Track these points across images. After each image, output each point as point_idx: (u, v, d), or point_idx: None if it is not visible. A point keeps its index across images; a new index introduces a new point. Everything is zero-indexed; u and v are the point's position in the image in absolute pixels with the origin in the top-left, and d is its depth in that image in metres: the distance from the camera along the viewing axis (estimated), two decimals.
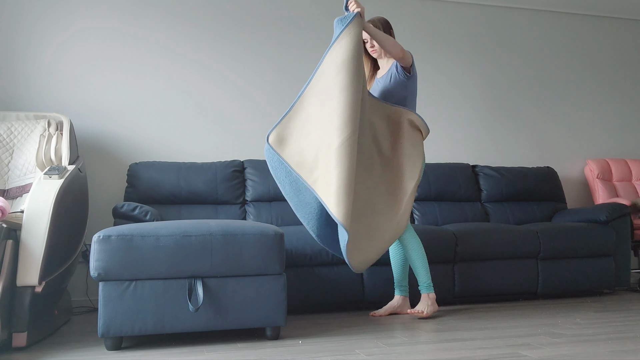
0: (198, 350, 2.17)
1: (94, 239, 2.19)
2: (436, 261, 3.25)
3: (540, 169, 4.24)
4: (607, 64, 4.82)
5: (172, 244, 2.22)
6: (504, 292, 3.38)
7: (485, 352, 2.06)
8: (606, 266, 3.56)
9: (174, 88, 3.81)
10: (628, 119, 4.82)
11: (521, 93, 4.58)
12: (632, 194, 4.40)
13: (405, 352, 2.09)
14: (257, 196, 3.59)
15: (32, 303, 2.23)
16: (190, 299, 2.21)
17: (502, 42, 4.58)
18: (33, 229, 2.25)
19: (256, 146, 3.93)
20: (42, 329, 2.39)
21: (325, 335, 2.42)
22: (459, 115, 4.40)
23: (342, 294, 3.08)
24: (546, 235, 3.45)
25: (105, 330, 2.15)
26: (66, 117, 3.15)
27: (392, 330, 2.51)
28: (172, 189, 3.44)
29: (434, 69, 4.38)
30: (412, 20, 4.37)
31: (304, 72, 4.07)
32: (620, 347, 2.11)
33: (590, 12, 4.78)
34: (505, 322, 2.68)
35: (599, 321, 2.68)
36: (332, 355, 2.05)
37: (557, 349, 2.11)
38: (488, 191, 4.05)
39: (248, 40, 3.99)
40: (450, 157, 4.33)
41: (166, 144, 3.76)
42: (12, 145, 3.03)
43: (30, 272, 2.21)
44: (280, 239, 2.36)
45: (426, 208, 3.85)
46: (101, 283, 2.18)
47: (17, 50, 3.56)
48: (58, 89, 3.60)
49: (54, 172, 2.50)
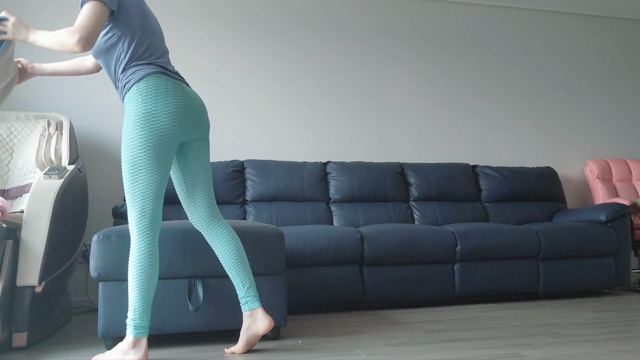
0: (198, 350, 2.17)
1: (94, 239, 2.19)
2: (436, 261, 3.25)
3: (540, 169, 4.24)
4: (607, 64, 4.82)
5: (172, 244, 2.22)
6: (504, 292, 3.38)
7: (485, 352, 2.06)
8: (606, 266, 3.56)
9: None
10: (628, 119, 4.82)
11: (521, 93, 4.58)
12: (632, 194, 4.40)
13: (405, 352, 2.09)
14: (257, 196, 3.59)
15: (32, 303, 2.23)
16: (190, 299, 2.21)
17: (502, 42, 4.58)
18: (33, 229, 2.25)
19: (256, 146, 3.93)
20: (42, 329, 2.39)
21: (325, 335, 2.42)
22: (459, 115, 4.40)
23: (342, 294, 3.08)
24: (546, 235, 3.45)
25: (105, 330, 2.15)
26: (66, 117, 3.15)
27: (392, 331, 2.51)
28: (172, 189, 3.43)
29: (434, 68, 4.38)
30: (412, 20, 4.37)
31: (303, 72, 4.08)
32: (620, 347, 2.11)
33: (590, 12, 4.78)
34: (505, 322, 2.68)
35: (599, 321, 2.68)
36: (332, 355, 2.05)
37: (557, 349, 2.11)
38: (488, 191, 4.05)
39: (247, 41, 3.99)
40: (450, 157, 4.33)
41: None
42: (12, 145, 3.03)
43: (30, 272, 2.21)
44: (280, 239, 2.36)
45: (426, 208, 3.85)
46: (101, 283, 2.18)
47: (16, 50, 3.55)
48: (58, 89, 3.60)
49: (54, 172, 2.50)
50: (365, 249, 3.12)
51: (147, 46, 2.07)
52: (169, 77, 2.06)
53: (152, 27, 2.13)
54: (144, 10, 2.12)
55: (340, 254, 3.06)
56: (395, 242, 3.16)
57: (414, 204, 3.87)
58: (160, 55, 2.12)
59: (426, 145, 4.30)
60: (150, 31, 2.11)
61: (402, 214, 3.78)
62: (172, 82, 2.05)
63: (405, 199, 3.88)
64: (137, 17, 2.07)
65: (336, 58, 4.17)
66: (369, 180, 3.78)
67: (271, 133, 3.98)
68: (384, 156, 4.18)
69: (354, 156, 4.11)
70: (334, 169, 3.78)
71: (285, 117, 4.02)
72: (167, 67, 2.10)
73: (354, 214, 3.67)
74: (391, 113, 4.24)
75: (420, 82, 4.33)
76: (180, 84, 2.08)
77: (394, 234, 3.20)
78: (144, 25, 2.09)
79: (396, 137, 4.23)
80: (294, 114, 4.04)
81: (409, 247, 3.18)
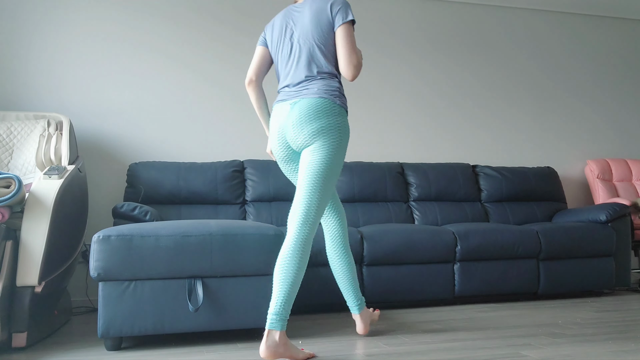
0: (198, 350, 2.17)
1: (94, 239, 2.19)
2: (436, 261, 3.25)
3: (540, 169, 4.24)
4: (607, 64, 4.82)
5: (172, 244, 2.22)
6: (504, 292, 3.38)
7: (486, 352, 2.06)
8: (606, 266, 3.56)
9: (173, 88, 3.81)
10: (628, 119, 4.82)
11: (521, 93, 4.58)
12: (632, 194, 4.40)
13: (405, 352, 2.09)
14: (257, 196, 3.59)
15: (32, 303, 2.23)
16: (190, 299, 2.21)
17: (502, 42, 4.58)
18: (33, 229, 2.25)
19: (256, 146, 3.92)
20: (42, 329, 2.39)
21: (325, 335, 2.42)
22: (459, 115, 4.40)
23: (342, 294, 3.07)
24: (546, 235, 3.44)
25: (105, 330, 2.15)
26: (66, 117, 3.15)
27: (392, 330, 2.51)
28: (172, 189, 3.44)
29: (434, 68, 4.38)
30: (413, 20, 4.37)
31: None
32: (620, 347, 2.11)
33: (590, 12, 4.78)
34: (505, 322, 2.68)
35: (599, 321, 2.68)
36: (332, 355, 2.05)
37: (557, 349, 2.11)
38: (488, 191, 4.05)
39: (247, 41, 3.99)
40: (450, 157, 4.33)
41: (166, 144, 3.76)
42: (12, 145, 3.03)
43: (30, 272, 2.21)
44: (280, 239, 2.36)
45: (426, 208, 3.85)
46: (101, 283, 2.18)
47: (17, 50, 3.56)
48: (58, 89, 3.60)
49: (54, 172, 2.50)
50: (365, 249, 3.12)
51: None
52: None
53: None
54: None
55: None
56: (395, 242, 3.16)
57: (414, 204, 3.87)
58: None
59: (426, 145, 4.30)
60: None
61: (402, 214, 3.78)
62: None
63: (405, 199, 3.88)
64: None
65: None
66: (369, 180, 3.78)
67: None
68: (384, 156, 4.18)
69: (354, 156, 4.11)
70: None
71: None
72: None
73: (354, 214, 3.67)
74: (391, 113, 4.24)
75: (420, 82, 4.33)
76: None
77: (394, 234, 3.20)
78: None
79: (396, 137, 4.23)
80: None
81: (409, 247, 3.18)
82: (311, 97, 2.15)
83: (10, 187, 2.26)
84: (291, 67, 2.24)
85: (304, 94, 2.17)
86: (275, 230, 2.38)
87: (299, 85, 2.20)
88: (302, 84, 2.20)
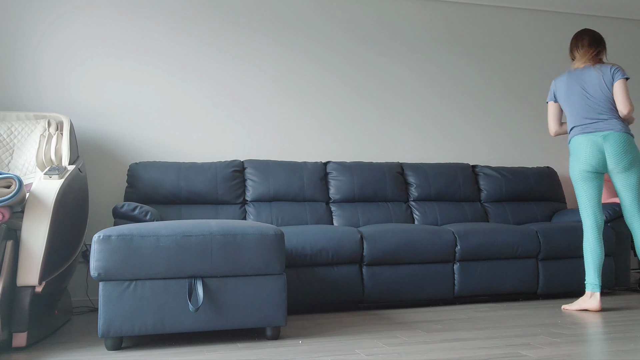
0: (198, 350, 2.17)
1: (94, 239, 2.19)
2: (436, 261, 3.25)
3: (540, 169, 4.24)
4: None
5: (172, 244, 2.22)
6: (503, 292, 3.38)
7: (485, 352, 2.06)
8: (606, 266, 3.56)
9: (174, 88, 3.81)
10: None
11: (521, 93, 4.58)
12: None
13: (405, 352, 2.09)
14: (257, 196, 3.59)
15: (32, 303, 2.23)
16: (190, 299, 2.21)
17: (502, 42, 4.58)
18: (33, 229, 2.25)
19: (256, 146, 3.93)
20: (42, 329, 2.39)
21: (325, 335, 2.42)
22: (459, 115, 4.40)
23: (342, 294, 3.08)
24: (546, 235, 3.45)
25: (105, 330, 2.15)
26: (66, 117, 3.15)
27: (392, 330, 2.51)
28: (172, 189, 3.44)
29: (434, 68, 4.38)
30: (413, 21, 4.38)
31: (304, 72, 4.08)
32: (620, 347, 2.12)
33: (590, 12, 4.78)
34: (505, 322, 2.68)
35: (599, 321, 2.68)
36: (332, 355, 2.05)
37: (557, 349, 2.11)
38: (488, 191, 4.05)
39: (249, 41, 3.99)
40: (450, 157, 4.34)
41: (166, 144, 3.76)
42: (12, 145, 3.03)
43: (30, 272, 2.21)
44: (280, 239, 2.36)
45: (426, 208, 3.85)
46: (101, 283, 2.18)
47: (17, 50, 3.56)
48: (58, 89, 3.61)
49: (54, 172, 2.50)
50: (365, 249, 3.13)
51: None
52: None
53: None
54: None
55: (340, 254, 3.07)
56: (395, 242, 3.17)
57: (414, 204, 3.88)
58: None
59: (426, 145, 4.30)
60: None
61: (402, 214, 3.78)
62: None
63: (405, 199, 3.88)
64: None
65: (336, 58, 4.17)
66: (369, 180, 3.78)
67: (271, 133, 3.98)
68: (384, 156, 4.19)
69: (354, 156, 4.11)
70: (334, 169, 3.79)
71: (285, 117, 4.02)
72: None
73: (354, 214, 3.68)
74: (391, 113, 4.25)
75: (420, 82, 4.34)
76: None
77: (394, 234, 3.20)
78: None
79: (396, 137, 4.24)
80: (294, 113, 4.04)
81: (408, 247, 3.18)
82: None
83: (10, 187, 2.26)
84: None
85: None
86: (275, 230, 2.38)
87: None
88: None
